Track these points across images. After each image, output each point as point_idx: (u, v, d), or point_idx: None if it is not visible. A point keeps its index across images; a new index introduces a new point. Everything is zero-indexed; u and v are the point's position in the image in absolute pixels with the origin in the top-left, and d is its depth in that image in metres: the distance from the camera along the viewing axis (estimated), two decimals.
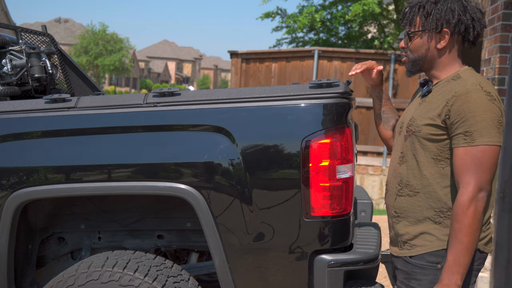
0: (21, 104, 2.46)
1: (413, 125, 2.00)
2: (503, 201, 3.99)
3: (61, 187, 2.34)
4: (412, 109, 2.09)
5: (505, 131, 3.97)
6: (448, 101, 1.89)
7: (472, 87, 1.86)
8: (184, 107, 2.31)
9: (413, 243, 2.01)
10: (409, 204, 2.02)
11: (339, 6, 13.49)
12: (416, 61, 2.06)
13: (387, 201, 2.15)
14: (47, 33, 3.55)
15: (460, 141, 1.86)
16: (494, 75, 4.07)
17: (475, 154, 1.84)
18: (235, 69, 10.02)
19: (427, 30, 2.00)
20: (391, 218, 2.12)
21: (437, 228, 1.96)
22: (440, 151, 1.94)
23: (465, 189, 1.84)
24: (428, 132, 1.94)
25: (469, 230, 1.82)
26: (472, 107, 1.83)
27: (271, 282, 2.25)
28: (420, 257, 1.98)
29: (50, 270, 2.75)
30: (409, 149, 2.02)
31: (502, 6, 3.99)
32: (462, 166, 1.86)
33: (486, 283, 4.14)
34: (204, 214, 2.22)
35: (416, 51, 2.05)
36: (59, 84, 3.58)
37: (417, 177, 1.99)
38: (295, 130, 2.20)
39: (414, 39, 2.04)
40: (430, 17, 1.98)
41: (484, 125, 1.82)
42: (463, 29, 1.97)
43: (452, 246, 1.85)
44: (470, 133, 1.84)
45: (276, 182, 2.20)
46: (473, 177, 1.84)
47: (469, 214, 1.82)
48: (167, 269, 2.31)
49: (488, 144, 1.83)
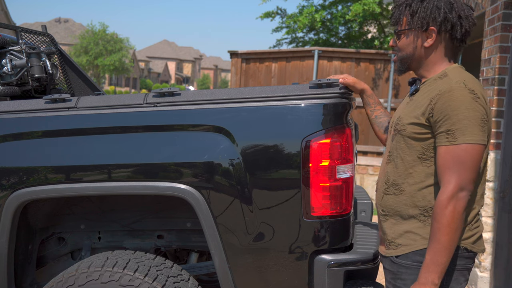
0: (21, 104, 2.46)
1: (399, 124, 2.00)
2: (503, 201, 3.99)
3: (61, 187, 2.34)
4: (400, 108, 2.09)
5: (505, 131, 3.97)
6: (432, 100, 1.88)
7: (456, 85, 1.85)
8: (184, 107, 2.31)
9: (398, 242, 2.00)
10: (394, 203, 2.02)
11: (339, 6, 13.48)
12: (404, 60, 2.05)
13: (376, 199, 2.15)
14: (47, 33, 3.55)
15: (443, 140, 1.85)
16: (494, 75, 4.07)
17: (457, 152, 1.82)
18: (235, 69, 10.02)
19: (413, 28, 2.00)
20: (379, 217, 2.12)
21: (421, 226, 1.95)
22: (425, 150, 1.93)
23: (445, 188, 1.82)
24: (412, 131, 1.94)
25: (447, 230, 1.80)
26: (454, 105, 1.82)
27: (271, 282, 2.25)
28: (405, 257, 1.98)
29: (50, 270, 2.75)
30: (395, 148, 2.02)
31: (502, 6, 3.99)
32: (444, 165, 1.84)
33: (486, 283, 4.14)
34: (204, 214, 2.22)
35: (404, 50, 2.05)
36: (59, 84, 3.58)
37: (402, 176, 1.99)
38: (295, 130, 2.20)
39: (401, 38, 2.05)
40: (416, 15, 1.98)
41: (466, 124, 1.80)
42: (449, 27, 1.96)
43: (430, 245, 1.84)
44: (452, 131, 1.82)
45: (276, 182, 2.20)
46: (454, 176, 1.81)
47: (447, 213, 1.80)
48: (167, 269, 2.31)
49: (471, 143, 1.81)
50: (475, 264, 4.25)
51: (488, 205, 4.10)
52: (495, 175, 4.06)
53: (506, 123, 3.97)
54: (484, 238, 4.10)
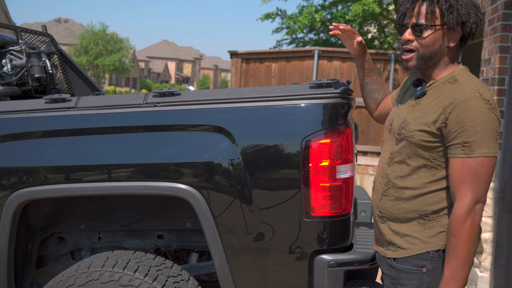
0: (21, 104, 2.46)
1: (406, 129, 1.91)
2: (503, 201, 3.99)
3: (61, 187, 2.34)
4: (404, 110, 1.99)
5: (505, 131, 3.97)
6: (445, 108, 1.80)
7: (472, 94, 1.78)
8: (184, 107, 2.31)
9: (398, 244, 1.95)
10: (394, 206, 1.96)
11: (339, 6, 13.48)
12: (426, 57, 1.89)
13: (372, 200, 2.10)
14: (47, 33, 3.55)
15: (458, 152, 1.79)
16: (494, 75, 4.07)
17: (473, 165, 1.77)
18: (235, 69, 10.02)
19: (447, 25, 1.85)
20: (376, 218, 2.07)
21: (420, 230, 1.90)
22: (432, 158, 1.87)
23: (462, 201, 1.77)
24: (421, 139, 1.86)
25: (466, 244, 1.76)
26: (471, 116, 1.75)
27: (271, 282, 2.25)
28: (405, 261, 1.93)
29: (50, 270, 2.75)
30: (399, 152, 1.94)
31: (502, 6, 3.99)
32: (459, 178, 1.79)
33: (486, 283, 4.14)
34: (204, 214, 2.22)
35: (429, 47, 1.88)
36: (59, 84, 3.58)
37: (404, 180, 1.93)
38: (295, 130, 2.20)
39: (427, 33, 1.87)
40: (454, 12, 1.84)
41: (483, 136, 1.75)
42: (474, 29, 1.89)
43: (449, 261, 1.79)
44: (469, 143, 1.76)
45: (276, 182, 2.20)
46: (470, 189, 1.77)
47: (466, 228, 1.76)
48: (167, 269, 2.31)
49: (487, 156, 1.76)
50: (475, 264, 4.25)
51: (488, 205, 4.10)
52: (495, 175, 4.06)
53: (506, 123, 3.97)
54: (484, 238, 4.11)
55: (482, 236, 4.11)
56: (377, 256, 2.10)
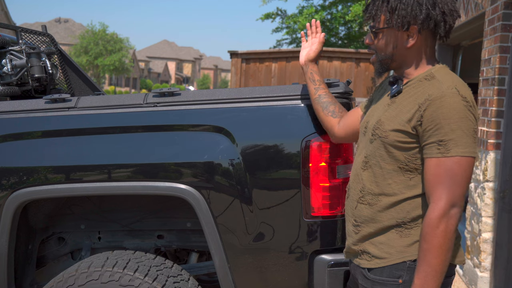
0: (21, 104, 2.46)
1: (380, 129, 1.77)
2: (503, 201, 3.99)
3: (61, 187, 2.34)
4: (379, 109, 1.85)
5: (505, 131, 3.97)
6: (420, 106, 1.67)
7: (448, 90, 1.65)
8: (184, 107, 2.31)
9: (372, 254, 1.81)
10: (370, 213, 1.81)
11: (339, 7, 13.50)
12: (383, 61, 1.83)
13: (347, 207, 1.94)
14: (47, 33, 3.55)
15: (433, 151, 1.66)
16: (494, 75, 4.07)
17: (449, 165, 1.64)
18: (235, 69, 10.02)
19: (393, 27, 1.77)
20: (350, 226, 1.90)
21: (396, 238, 1.77)
22: (407, 161, 1.73)
23: (436, 204, 1.64)
24: (395, 139, 1.72)
25: (439, 251, 1.63)
26: (447, 113, 1.63)
27: (271, 282, 2.25)
28: (380, 271, 1.79)
29: (50, 270, 2.75)
30: (373, 154, 1.80)
31: (502, 6, 3.99)
32: (434, 179, 1.66)
33: (486, 283, 4.14)
34: (204, 214, 2.22)
35: (382, 50, 1.81)
36: (59, 84, 3.58)
37: (380, 186, 1.79)
38: (295, 130, 2.20)
39: (379, 37, 1.81)
40: (395, 12, 1.74)
41: (460, 134, 1.62)
42: (432, 25, 1.74)
43: (420, 268, 1.66)
44: (444, 142, 1.63)
45: (276, 182, 2.20)
46: (445, 191, 1.64)
47: (439, 233, 1.62)
48: (167, 269, 2.31)
49: (464, 155, 1.63)
50: (475, 264, 4.25)
51: (488, 205, 4.10)
52: (495, 175, 4.06)
53: (506, 123, 3.97)
54: (484, 238, 4.11)
55: (482, 236, 4.11)
56: (351, 265, 1.96)
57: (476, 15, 4.72)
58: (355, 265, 1.91)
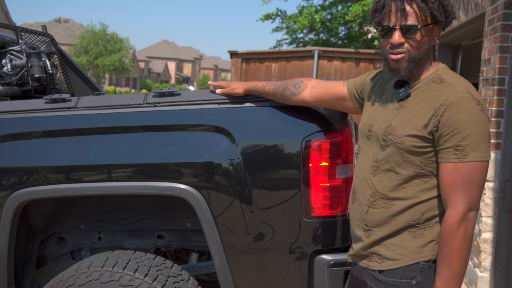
0: (21, 104, 2.46)
1: (393, 134, 1.75)
2: (503, 201, 3.99)
3: (61, 187, 2.34)
4: (385, 114, 1.82)
5: (505, 131, 3.97)
6: (436, 110, 1.68)
7: (463, 95, 1.67)
8: (184, 107, 2.31)
9: (383, 255, 1.80)
10: (383, 217, 1.80)
11: (339, 7, 13.50)
12: (416, 60, 1.75)
13: (353, 211, 1.92)
14: (47, 33, 3.55)
15: (450, 156, 1.67)
16: (494, 75, 4.07)
17: (466, 170, 1.66)
18: (235, 69, 10.02)
19: (438, 24, 1.75)
20: (360, 231, 1.88)
21: (409, 239, 1.77)
22: (423, 165, 1.74)
23: (455, 209, 1.67)
24: (412, 144, 1.72)
25: (459, 254, 1.66)
26: (464, 118, 1.64)
27: (271, 282, 2.25)
28: (392, 273, 1.78)
29: (50, 270, 2.75)
30: (387, 160, 1.78)
31: (502, 6, 3.99)
32: (451, 183, 1.67)
33: (486, 283, 4.14)
34: (204, 214, 2.22)
35: (420, 48, 1.74)
36: (59, 84, 3.58)
37: (395, 190, 1.78)
38: (295, 130, 2.20)
39: (422, 34, 1.73)
40: (441, 8, 1.73)
41: (476, 139, 1.65)
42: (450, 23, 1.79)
43: (440, 272, 1.69)
44: (462, 147, 1.65)
45: (276, 182, 2.20)
46: (463, 196, 1.66)
47: (459, 237, 1.66)
48: (167, 269, 2.31)
49: (481, 160, 1.66)
50: (475, 264, 4.25)
51: (488, 205, 4.10)
52: (495, 175, 4.06)
53: (506, 123, 3.97)
54: (484, 238, 4.11)
55: (482, 236, 4.11)
56: (356, 268, 1.93)
57: (476, 15, 4.72)
58: (361, 268, 1.89)
